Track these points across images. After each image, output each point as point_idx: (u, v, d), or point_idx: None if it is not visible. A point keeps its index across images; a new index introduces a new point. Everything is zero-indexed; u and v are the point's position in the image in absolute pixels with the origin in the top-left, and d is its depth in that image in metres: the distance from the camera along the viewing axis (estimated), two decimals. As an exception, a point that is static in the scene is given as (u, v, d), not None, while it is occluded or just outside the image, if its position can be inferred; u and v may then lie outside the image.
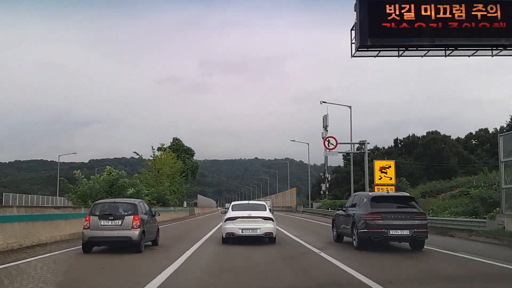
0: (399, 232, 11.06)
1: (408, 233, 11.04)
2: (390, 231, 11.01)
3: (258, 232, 12.83)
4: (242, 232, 12.77)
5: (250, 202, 15.58)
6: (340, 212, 13.73)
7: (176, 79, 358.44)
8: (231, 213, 13.31)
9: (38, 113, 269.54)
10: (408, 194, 14.16)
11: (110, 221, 11.09)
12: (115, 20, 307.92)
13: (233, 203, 15.25)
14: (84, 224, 11.24)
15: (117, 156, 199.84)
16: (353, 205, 12.78)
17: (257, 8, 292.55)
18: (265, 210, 13.67)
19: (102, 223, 11.07)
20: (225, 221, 13.20)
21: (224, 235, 13.10)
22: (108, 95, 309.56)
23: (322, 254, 10.82)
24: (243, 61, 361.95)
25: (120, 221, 11.10)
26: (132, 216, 11.18)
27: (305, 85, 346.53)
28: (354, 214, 12.01)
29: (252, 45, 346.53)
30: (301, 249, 12.33)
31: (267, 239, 13.21)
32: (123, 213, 11.38)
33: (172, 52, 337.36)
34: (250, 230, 12.80)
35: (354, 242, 11.76)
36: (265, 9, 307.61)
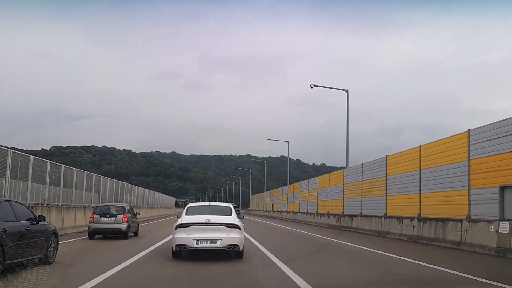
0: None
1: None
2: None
3: (219, 244, 10.98)
4: (197, 244, 10.96)
5: (212, 203, 13.22)
6: None
7: (173, 75, 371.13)
8: (184, 218, 11.48)
9: (34, 105, 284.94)
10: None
11: (107, 218, 18.33)
12: (114, 11, 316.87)
13: (189, 204, 13.27)
14: (90, 220, 18.56)
15: (85, 144, 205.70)
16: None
17: (264, 7, 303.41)
18: (230, 215, 11.87)
19: (102, 219, 18.37)
20: (175, 229, 11.31)
21: (173, 248, 11.37)
22: (103, 89, 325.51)
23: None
24: (244, 60, 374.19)
25: (114, 218, 18.32)
26: (122, 215, 18.45)
27: (305, 87, 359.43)
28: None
29: (254, 44, 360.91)
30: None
31: (233, 253, 11.55)
32: (115, 212, 18.64)
33: (171, 47, 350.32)
34: (208, 241, 10.99)
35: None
36: (273, 9, 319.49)
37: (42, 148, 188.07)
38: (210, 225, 11.12)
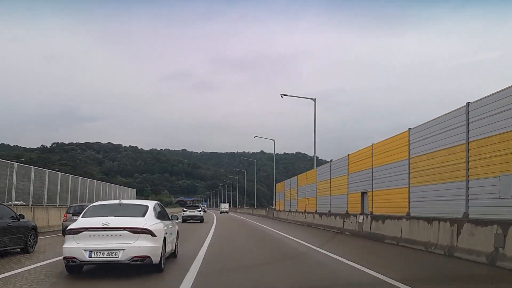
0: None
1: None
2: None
3: (120, 256, 8.46)
4: (89, 256, 8.45)
5: (124, 201, 10.38)
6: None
7: (185, 74, 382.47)
8: (78, 222, 9.10)
9: (44, 106, 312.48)
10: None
11: (78, 217, 20.36)
12: (125, 12, 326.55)
13: (94, 203, 10.84)
14: (63, 218, 20.58)
15: (89, 141, 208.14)
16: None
17: (277, 6, 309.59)
18: (142, 216, 9.24)
19: (74, 218, 20.30)
20: (65, 236, 8.94)
21: (64, 261, 8.78)
22: (114, 91, 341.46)
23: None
24: (256, 58, 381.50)
25: (85, 217, 20.38)
26: (92, 214, 20.47)
27: (318, 86, 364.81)
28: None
29: (267, 43, 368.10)
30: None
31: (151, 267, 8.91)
32: (87, 212, 20.65)
33: (183, 47, 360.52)
34: (106, 252, 8.47)
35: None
36: (286, 8, 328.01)
37: (42, 145, 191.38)
38: (109, 230, 8.58)
